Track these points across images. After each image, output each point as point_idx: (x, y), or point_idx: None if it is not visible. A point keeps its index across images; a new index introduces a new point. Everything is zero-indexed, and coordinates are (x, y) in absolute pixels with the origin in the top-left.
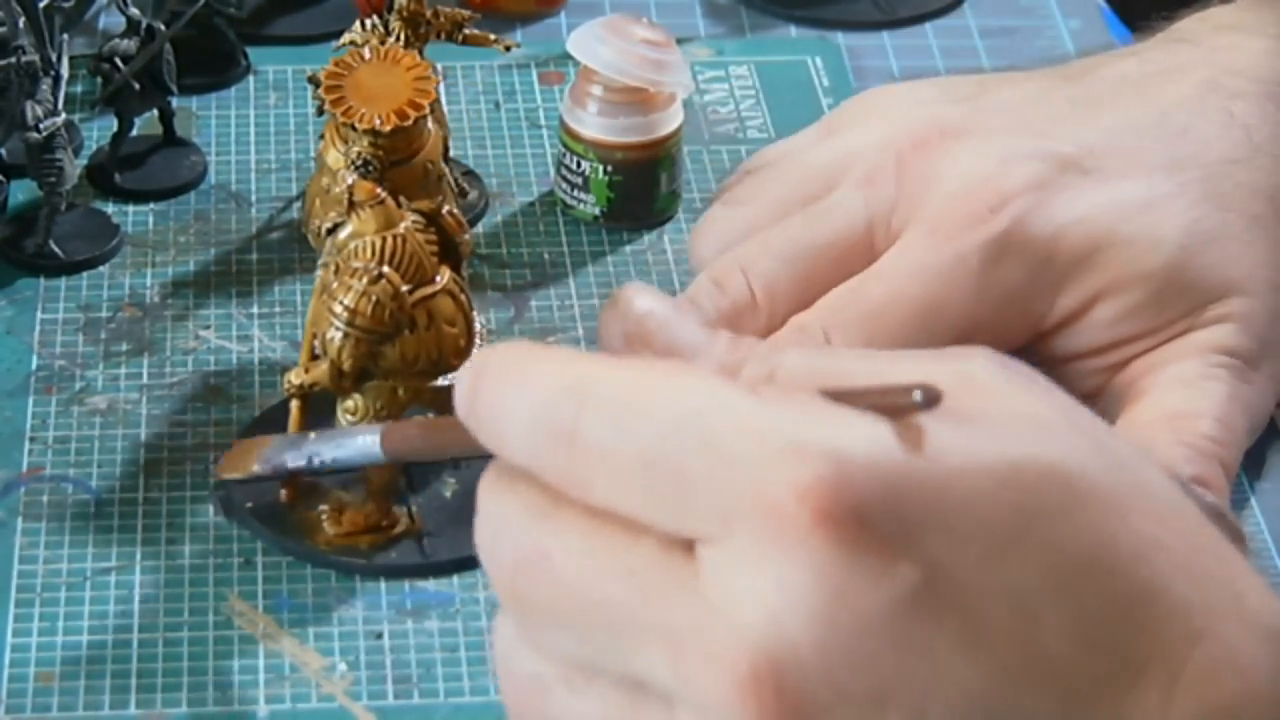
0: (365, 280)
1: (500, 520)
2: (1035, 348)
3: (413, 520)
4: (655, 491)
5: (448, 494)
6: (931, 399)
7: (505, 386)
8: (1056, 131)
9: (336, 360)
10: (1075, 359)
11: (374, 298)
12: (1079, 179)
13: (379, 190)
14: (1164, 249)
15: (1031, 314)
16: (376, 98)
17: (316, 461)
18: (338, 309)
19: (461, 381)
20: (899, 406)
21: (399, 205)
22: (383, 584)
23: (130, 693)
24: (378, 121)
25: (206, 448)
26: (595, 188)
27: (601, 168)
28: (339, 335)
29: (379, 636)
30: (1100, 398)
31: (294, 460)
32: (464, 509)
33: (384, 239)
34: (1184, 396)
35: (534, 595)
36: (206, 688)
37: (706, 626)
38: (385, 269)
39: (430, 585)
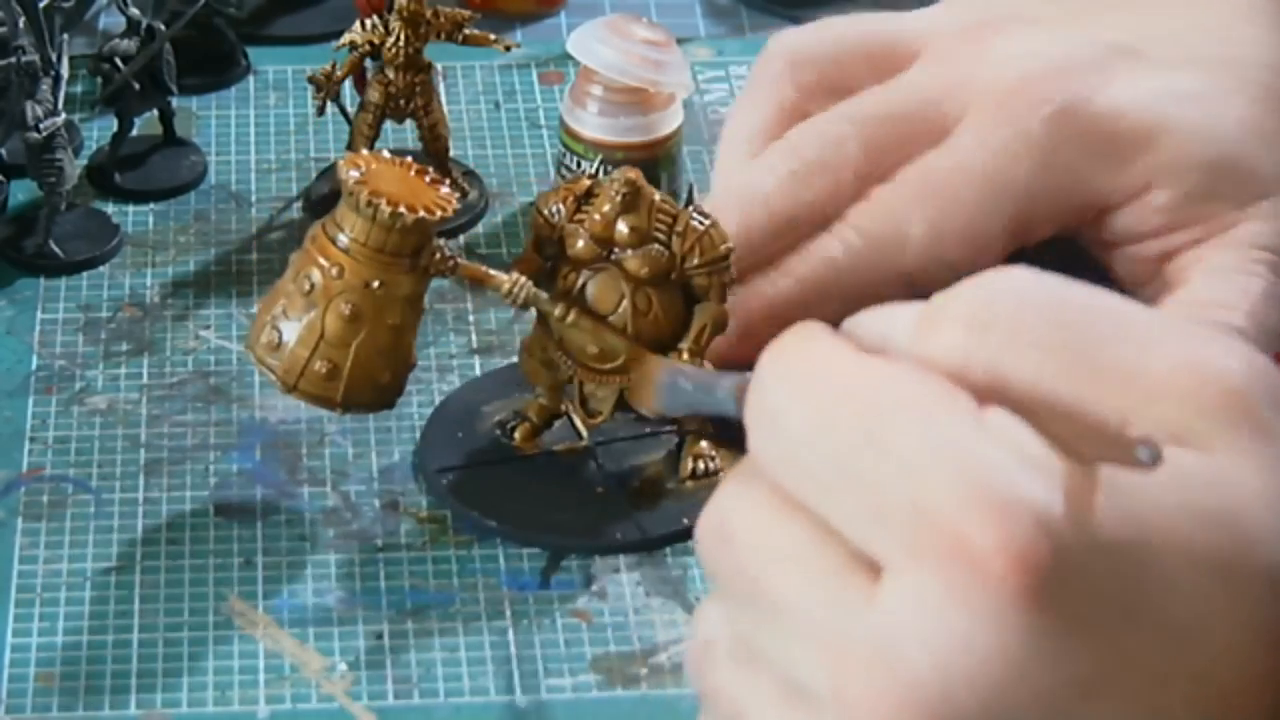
0: (705, 220)
1: (728, 477)
2: (1090, 230)
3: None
4: (847, 502)
5: None
6: (1154, 458)
7: (769, 352)
8: (1121, 24)
9: (721, 308)
10: (1127, 242)
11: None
12: (1137, 64)
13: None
14: (1219, 140)
15: (1090, 193)
16: (402, 195)
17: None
18: (704, 255)
19: None
20: (1122, 458)
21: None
22: (383, 584)
23: (130, 693)
24: (421, 213)
25: (206, 448)
26: None
27: (602, 168)
28: (723, 280)
29: (379, 636)
30: (1149, 286)
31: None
32: None
33: (662, 196)
34: (1219, 286)
35: (716, 565)
36: (206, 688)
37: (874, 655)
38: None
39: (430, 585)
